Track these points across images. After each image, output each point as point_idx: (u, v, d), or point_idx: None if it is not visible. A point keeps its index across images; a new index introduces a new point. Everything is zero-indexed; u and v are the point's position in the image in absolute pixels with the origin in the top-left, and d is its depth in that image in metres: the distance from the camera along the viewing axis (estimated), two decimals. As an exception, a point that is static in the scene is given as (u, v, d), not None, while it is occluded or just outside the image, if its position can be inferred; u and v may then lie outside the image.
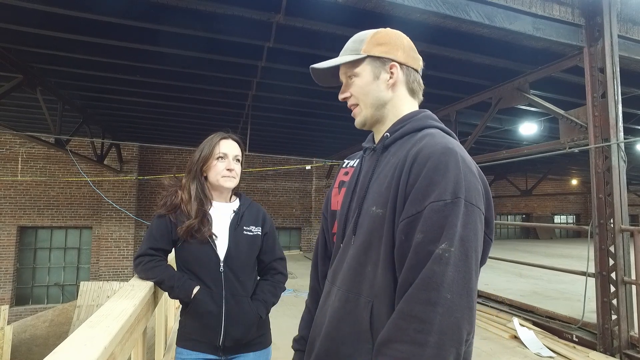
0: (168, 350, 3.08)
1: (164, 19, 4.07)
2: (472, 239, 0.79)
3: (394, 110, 1.01)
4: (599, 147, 3.93)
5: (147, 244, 1.60)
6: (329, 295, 0.98)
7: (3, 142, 10.46)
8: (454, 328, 0.74)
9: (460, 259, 0.76)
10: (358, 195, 0.98)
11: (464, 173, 0.82)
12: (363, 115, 1.02)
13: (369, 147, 1.06)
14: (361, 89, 1.00)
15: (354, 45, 1.02)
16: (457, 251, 0.76)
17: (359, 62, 1.00)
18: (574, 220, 20.01)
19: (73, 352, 0.88)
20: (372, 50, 0.99)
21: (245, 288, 1.61)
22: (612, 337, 3.70)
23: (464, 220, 0.78)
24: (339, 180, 1.13)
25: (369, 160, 1.02)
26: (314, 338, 0.99)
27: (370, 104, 1.00)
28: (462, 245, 0.77)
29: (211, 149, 1.61)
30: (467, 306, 0.76)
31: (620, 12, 4.20)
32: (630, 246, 3.65)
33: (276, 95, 6.35)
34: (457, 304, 0.75)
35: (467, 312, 0.76)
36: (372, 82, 0.99)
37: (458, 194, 0.79)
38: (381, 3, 3.45)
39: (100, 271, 10.77)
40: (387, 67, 0.98)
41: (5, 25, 4.18)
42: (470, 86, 5.69)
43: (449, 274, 0.75)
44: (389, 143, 0.97)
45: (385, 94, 0.99)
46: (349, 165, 1.14)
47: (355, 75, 1.01)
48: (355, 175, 1.04)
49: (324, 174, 13.14)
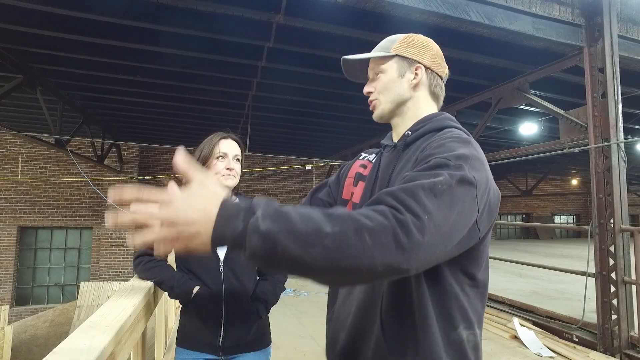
0: (168, 350, 3.08)
1: (164, 19, 4.07)
2: (459, 209, 0.71)
3: (413, 109, 1.04)
4: (599, 147, 3.93)
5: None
6: (351, 292, 0.98)
7: (3, 143, 10.46)
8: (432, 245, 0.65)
9: (452, 200, 0.70)
10: (378, 190, 0.98)
11: (477, 158, 0.80)
12: (381, 109, 1.06)
13: (388, 144, 1.08)
14: (384, 84, 1.04)
15: (385, 43, 1.07)
16: (450, 190, 0.70)
17: (387, 59, 1.04)
18: (574, 220, 20.02)
19: (73, 351, 0.88)
20: (401, 51, 1.03)
21: (245, 288, 1.61)
22: (612, 337, 3.70)
23: (458, 190, 0.72)
24: (354, 170, 1.13)
25: (389, 156, 1.05)
26: (337, 331, 0.98)
27: (391, 99, 1.04)
28: (452, 200, 0.70)
29: (211, 149, 1.61)
30: (442, 242, 0.67)
31: (620, 12, 4.20)
32: (630, 246, 3.65)
33: (276, 96, 6.35)
34: (445, 231, 0.68)
35: (440, 247, 0.67)
36: (395, 80, 1.03)
37: (462, 164, 0.76)
38: (381, 3, 3.45)
39: (100, 271, 10.77)
40: (413, 68, 1.03)
41: (5, 25, 4.18)
42: (470, 86, 5.69)
43: (444, 198, 0.69)
44: (411, 141, 1.00)
45: (407, 92, 1.03)
46: (366, 158, 1.14)
47: (381, 71, 1.05)
48: (374, 171, 1.06)
49: (324, 174, 13.14)
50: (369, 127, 8.27)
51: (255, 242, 0.60)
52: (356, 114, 7.24)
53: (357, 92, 6.01)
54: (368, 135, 9.04)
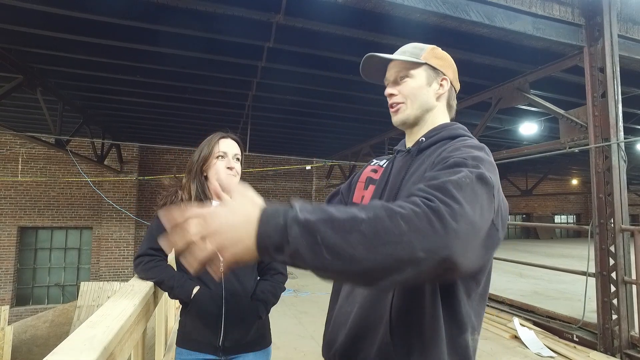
0: (168, 350, 3.08)
1: (163, 19, 4.07)
2: (484, 205, 0.71)
3: (432, 118, 1.07)
4: (599, 147, 3.93)
5: (147, 243, 1.60)
6: (352, 291, 0.98)
7: (3, 143, 10.46)
8: (465, 230, 0.64)
9: (476, 193, 0.71)
10: (389, 194, 1.00)
11: (489, 163, 0.83)
12: (407, 114, 1.06)
13: (402, 150, 1.10)
14: (413, 89, 1.05)
15: (414, 50, 1.08)
16: (473, 184, 0.72)
17: (417, 65, 1.06)
18: (575, 220, 20.01)
19: (73, 351, 0.88)
20: (431, 60, 1.06)
21: (245, 288, 1.61)
22: (612, 337, 3.69)
23: (477, 190, 0.73)
24: (365, 175, 1.15)
25: (401, 161, 1.06)
26: (336, 330, 0.98)
27: (418, 105, 1.05)
28: (475, 192, 0.71)
29: (210, 149, 1.61)
30: (474, 232, 0.66)
31: (620, 11, 4.20)
32: (631, 246, 3.65)
33: (276, 96, 6.35)
34: (478, 222, 0.68)
35: (474, 239, 0.66)
36: (424, 87, 1.05)
37: (479, 164, 0.79)
38: (381, 3, 3.44)
39: (100, 271, 10.77)
40: (439, 79, 1.06)
41: (5, 25, 4.18)
42: (470, 86, 5.69)
43: (468, 190, 0.70)
44: (424, 147, 1.02)
45: (433, 101, 1.06)
46: (377, 164, 1.16)
47: (409, 76, 1.06)
48: (386, 175, 1.07)
49: (325, 174, 13.14)
50: (369, 127, 8.27)
51: (296, 233, 0.61)
52: (356, 114, 7.24)
53: (357, 92, 6.06)
54: (368, 135, 9.04)
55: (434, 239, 0.61)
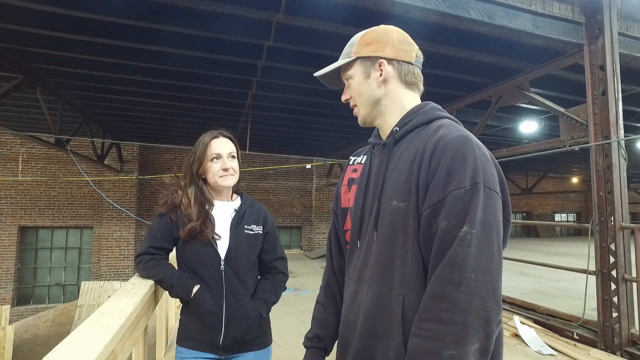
0: (169, 349, 3.09)
1: (164, 19, 4.07)
2: (492, 220, 0.82)
3: (392, 105, 1.03)
4: (599, 145, 3.93)
5: (148, 242, 1.60)
6: (357, 294, 0.99)
7: (3, 143, 10.47)
8: (479, 306, 0.76)
9: (482, 240, 0.80)
10: (373, 191, 1.00)
11: (480, 160, 0.85)
12: (361, 114, 1.07)
13: (377, 143, 1.07)
14: (356, 89, 1.05)
15: (347, 49, 1.08)
16: (479, 233, 0.80)
17: (351, 64, 1.05)
18: (575, 218, 19.99)
19: (74, 349, 0.88)
20: (361, 52, 1.03)
21: (246, 287, 1.61)
22: (612, 335, 3.70)
23: (484, 204, 0.82)
24: (347, 177, 1.14)
25: (379, 155, 1.04)
26: (347, 336, 1.00)
27: (365, 102, 1.04)
28: (484, 227, 0.80)
29: (203, 151, 1.60)
30: (492, 286, 0.79)
31: (620, 9, 4.19)
32: (631, 244, 3.65)
33: (276, 95, 6.34)
34: (482, 283, 0.78)
35: (491, 292, 0.78)
36: (363, 82, 1.03)
37: (476, 180, 0.82)
38: (380, 1, 3.44)
39: (101, 271, 10.78)
40: (376, 65, 1.02)
41: (5, 25, 4.18)
42: (470, 84, 5.68)
43: (471, 255, 0.78)
44: (400, 137, 1.00)
45: (377, 91, 1.03)
46: (356, 162, 1.15)
47: (350, 77, 1.06)
48: (365, 172, 1.06)
49: (325, 173, 13.14)
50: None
51: None
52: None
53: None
54: (368, 134, 8.86)
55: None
